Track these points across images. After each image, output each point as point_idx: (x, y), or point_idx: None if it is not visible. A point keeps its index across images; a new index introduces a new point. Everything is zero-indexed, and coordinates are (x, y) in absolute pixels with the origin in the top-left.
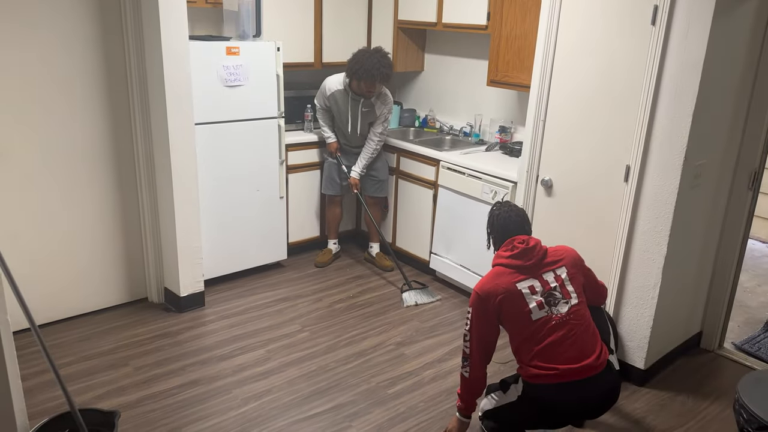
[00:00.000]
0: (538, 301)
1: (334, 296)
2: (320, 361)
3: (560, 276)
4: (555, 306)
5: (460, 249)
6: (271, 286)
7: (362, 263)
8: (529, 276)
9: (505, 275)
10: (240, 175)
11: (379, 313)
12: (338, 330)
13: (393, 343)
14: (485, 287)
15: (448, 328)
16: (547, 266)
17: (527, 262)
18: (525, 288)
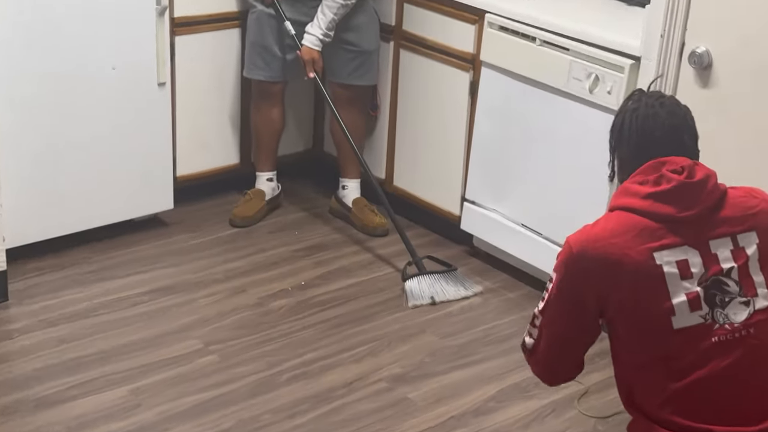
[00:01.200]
0: (693, 293)
1: (268, 285)
2: (241, 414)
3: (744, 250)
4: (723, 308)
5: (525, 195)
6: (143, 263)
7: (326, 219)
8: (685, 241)
9: (635, 231)
10: (77, 48)
11: (360, 319)
12: (277, 352)
13: (385, 379)
14: (591, 240)
15: (496, 350)
16: (721, 226)
17: (685, 211)
18: (671, 264)
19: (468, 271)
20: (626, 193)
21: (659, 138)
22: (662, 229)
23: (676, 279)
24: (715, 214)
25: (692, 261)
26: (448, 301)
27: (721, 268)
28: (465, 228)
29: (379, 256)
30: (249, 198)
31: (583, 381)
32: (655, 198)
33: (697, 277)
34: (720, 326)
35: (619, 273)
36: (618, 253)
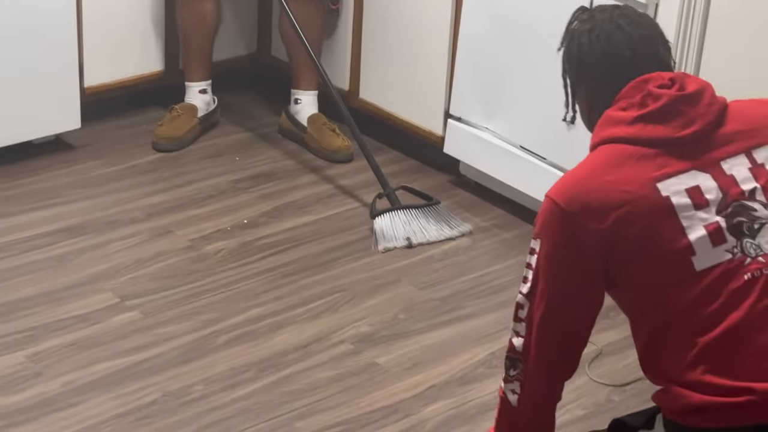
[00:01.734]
0: (713, 224)
1: (201, 224)
2: (168, 384)
3: (765, 167)
4: (753, 237)
5: (524, 110)
6: (43, 196)
7: (274, 141)
8: (691, 165)
9: (630, 163)
10: None
11: (317, 267)
12: (213, 307)
13: (349, 340)
14: (579, 186)
15: (488, 304)
16: (731, 143)
17: (685, 129)
18: (680, 193)
19: (453, 205)
20: (609, 123)
21: (631, 56)
22: (661, 155)
23: (690, 210)
24: (719, 129)
25: (705, 186)
26: (429, 243)
27: (742, 190)
28: (449, 152)
29: (341, 188)
30: (177, 114)
31: (596, 341)
32: (646, 120)
33: (715, 204)
34: (752, 260)
35: (622, 217)
36: (616, 192)
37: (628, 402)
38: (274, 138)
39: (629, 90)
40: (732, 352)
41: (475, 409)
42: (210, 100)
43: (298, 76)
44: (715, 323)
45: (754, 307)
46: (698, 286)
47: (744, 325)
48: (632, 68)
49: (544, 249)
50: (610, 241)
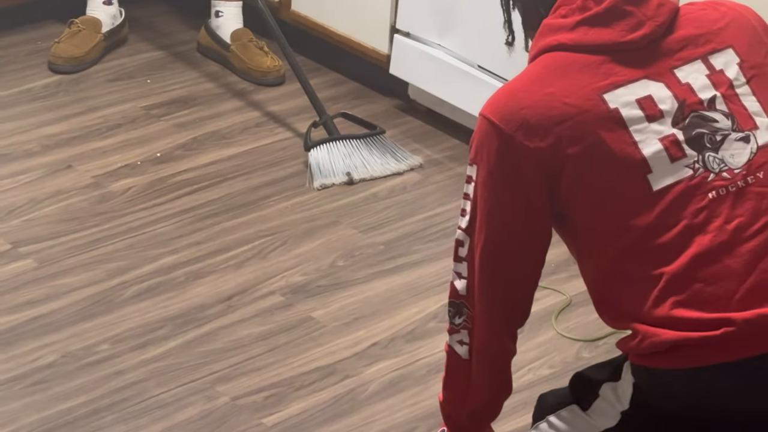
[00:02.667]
0: (669, 137)
1: (106, 158)
2: (68, 344)
3: (723, 73)
4: (715, 150)
5: (483, 23)
6: None
7: (192, 61)
8: (642, 73)
9: (572, 72)
10: None
11: (242, 207)
12: (121, 255)
13: (280, 291)
14: (515, 102)
15: (440, 248)
16: (684, 48)
17: (632, 33)
18: (630, 105)
19: (401, 135)
20: (548, 31)
21: None
22: (608, 63)
23: (642, 122)
24: (671, 34)
25: (658, 96)
26: (372, 179)
27: (700, 99)
28: (396, 73)
29: (270, 115)
30: (77, 30)
31: (564, 290)
32: (589, 23)
33: (670, 115)
34: (716, 175)
35: (565, 134)
36: (557, 105)
37: (601, 359)
38: (192, 57)
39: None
40: (703, 280)
41: (425, 369)
42: (116, 12)
43: None
44: (680, 249)
45: (722, 229)
46: (657, 208)
47: (713, 249)
48: None
49: (481, 175)
50: (553, 162)
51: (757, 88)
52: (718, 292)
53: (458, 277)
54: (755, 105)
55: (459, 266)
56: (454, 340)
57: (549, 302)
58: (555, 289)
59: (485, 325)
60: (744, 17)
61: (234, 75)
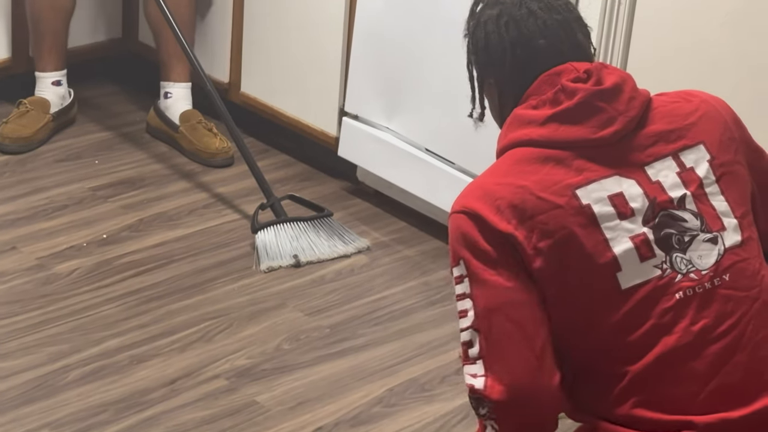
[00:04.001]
0: (639, 236)
1: (52, 239)
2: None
3: (694, 171)
4: (683, 251)
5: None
6: None
7: (141, 142)
8: (613, 170)
9: (545, 168)
10: None
11: (188, 290)
12: (64, 338)
13: (224, 375)
14: (488, 194)
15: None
16: (655, 144)
17: (603, 129)
18: (602, 201)
19: (349, 217)
20: (519, 123)
21: (545, 45)
22: (580, 158)
23: (613, 219)
24: (643, 129)
25: (629, 193)
26: (319, 262)
27: (670, 197)
28: (344, 155)
29: (218, 197)
30: (25, 110)
31: None
32: (560, 119)
33: (641, 213)
34: (684, 276)
35: (536, 228)
36: (529, 199)
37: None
38: (140, 138)
39: (539, 85)
40: (666, 381)
41: None
42: (65, 93)
43: (167, 65)
44: (646, 349)
45: (687, 330)
46: (625, 307)
47: (678, 350)
48: (547, 59)
49: (470, 268)
50: (524, 252)
51: (725, 187)
52: (680, 393)
53: (473, 378)
54: (723, 205)
55: (472, 368)
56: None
57: None
58: None
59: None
60: (716, 110)
61: (182, 156)
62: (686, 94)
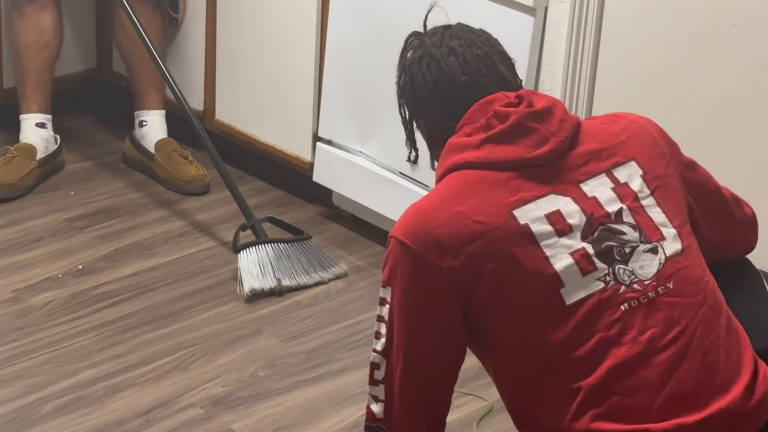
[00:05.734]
0: (579, 251)
1: (27, 271)
2: None
3: (628, 186)
4: (625, 263)
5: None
6: None
7: (116, 171)
8: (549, 189)
9: (480, 190)
10: None
11: (163, 318)
12: (39, 370)
13: (200, 404)
14: (426, 221)
15: (362, 356)
16: (588, 163)
17: (537, 149)
18: (539, 220)
19: (325, 242)
20: (454, 150)
21: (467, 81)
22: (515, 179)
23: (552, 237)
24: (575, 149)
25: (566, 210)
26: (297, 288)
27: (607, 212)
28: (319, 180)
29: (195, 224)
30: (11, 156)
31: (486, 395)
32: (494, 141)
33: (579, 229)
34: (627, 287)
35: (477, 252)
36: (467, 224)
37: None
38: (116, 168)
39: (472, 114)
40: (620, 392)
41: None
42: (49, 136)
43: (141, 93)
44: (596, 362)
45: (636, 340)
46: (571, 322)
47: (628, 361)
48: (471, 94)
49: (396, 297)
50: (466, 281)
51: (661, 198)
52: (636, 403)
53: (375, 400)
54: (660, 216)
55: (375, 389)
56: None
57: (470, 408)
58: (476, 395)
59: None
60: (644, 128)
61: (158, 185)
62: (614, 116)
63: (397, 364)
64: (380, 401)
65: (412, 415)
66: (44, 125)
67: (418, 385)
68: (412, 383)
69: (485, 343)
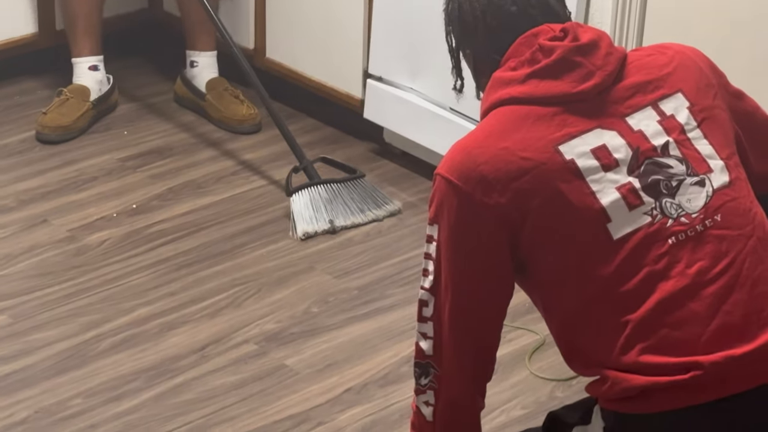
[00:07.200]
0: (626, 185)
1: (82, 211)
2: (42, 399)
3: (675, 118)
4: (672, 196)
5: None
6: None
7: (169, 111)
8: (595, 123)
9: (526, 126)
10: None
11: (217, 257)
12: (95, 308)
13: (253, 340)
14: (471, 158)
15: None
16: (634, 96)
17: (583, 83)
18: (585, 155)
19: (377, 179)
20: (499, 85)
21: (516, 12)
22: (560, 114)
23: (598, 172)
24: (621, 82)
25: (612, 145)
26: (351, 227)
27: (654, 145)
28: (370, 117)
29: (246, 164)
30: (65, 98)
31: (538, 329)
32: (539, 76)
33: (625, 164)
34: (674, 220)
35: (523, 188)
36: (514, 160)
37: (575, 398)
38: (168, 108)
39: (517, 47)
40: (668, 325)
41: (397, 414)
42: (103, 78)
43: (192, 34)
44: (644, 296)
45: (684, 273)
46: (618, 257)
47: (676, 294)
48: (518, 25)
49: (443, 234)
50: (512, 218)
51: (708, 130)
52: (684, 336)
53: (423, 337)
54: (707, 148)
55: (424, 327)
56: (420, 401)
57: (522, 342)
58: (528, 329)
59: (457, 383)
60: (691, 60)
61: (210, 124)
62: (660, 47)
63: (445, 301)
64: (429, 338)
65: (462, 352)
66: (97, 67)
67: (467, 321)
68: (461, 320)
69: (533, 278)
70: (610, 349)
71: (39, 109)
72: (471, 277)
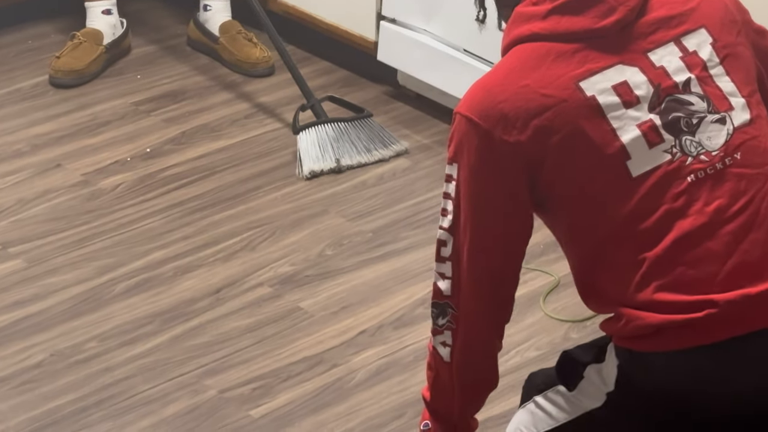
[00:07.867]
0: (646, 123)
1: (96, 155)
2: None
3: (697, 55)
4: (692, 134)
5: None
6: None
7: (181, 55)
8: (616, 59)
9: (547, 62)
10: None
11: (231, 200)
12: (110, 252)
13: (268, 282)
14: (492, 96)
15: (428, 234)
16: (657, 31)
17: (604, 19)
18: (607, 91)
19: (390, 121)
20: (520, 20)
21: None
22: (582, 50)
23: (619, 109)
24: (643, 17)
25: (633, 81)
26: (360, 166)
27: (675, 82)
28: (384, 59)
29: (260, 107)
30: (78, 42)
31: (552, 270)
32: (561, 11)
33: (646, 100)
34: (694, 159)
35: (544, 125)
36: (534, 97)
37: (589, 339)
38: (181, 51)
39: None
40: (685, 263)
41: (412, 356)
42: (116, 22)
43: None
44: (662, 234)
45: (702, 212)
46: (637, 194)
47: (694, 232)
48: None
49: (463, 173)
50: (533, 154)
51: (730, 68)
52: (700, 274)
53: (442, 277)
54: (729, 85)
55: (442, 266)
56: (437, 342)
57: (537, 284)
58: (543, 270)
59: (475, 323)
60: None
61: (223, 67)
62: None
63: (464, 240)
64: (447, 278)
65: (480, 292)
66: (110, 11)
67: (486, 261)
68: (480, 259)
69: (553, 214)
70: (626, 287)
71: (52, 53)
72: (490, 215)
